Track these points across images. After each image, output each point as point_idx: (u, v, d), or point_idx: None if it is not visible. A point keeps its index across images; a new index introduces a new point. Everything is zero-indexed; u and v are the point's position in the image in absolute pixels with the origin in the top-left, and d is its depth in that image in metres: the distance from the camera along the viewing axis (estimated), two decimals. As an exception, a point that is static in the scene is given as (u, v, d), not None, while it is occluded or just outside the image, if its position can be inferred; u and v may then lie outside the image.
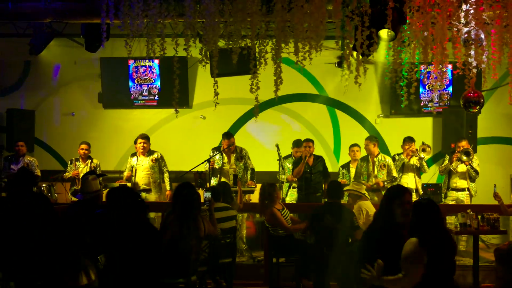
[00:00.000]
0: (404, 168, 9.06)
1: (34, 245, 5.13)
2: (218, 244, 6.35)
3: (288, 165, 9.20)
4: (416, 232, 4.04)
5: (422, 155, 8.91)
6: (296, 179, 8.89)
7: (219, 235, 6.24)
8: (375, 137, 9.19)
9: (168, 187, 9.01)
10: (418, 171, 9.06)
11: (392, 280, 4.04)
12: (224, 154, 8.96)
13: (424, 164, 8.99)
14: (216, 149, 9.03)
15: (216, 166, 8.83)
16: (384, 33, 6.28)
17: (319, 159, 8.93)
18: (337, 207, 6.57)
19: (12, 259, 5.17)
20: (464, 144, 8.97)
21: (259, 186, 7.43)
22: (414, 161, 9.01)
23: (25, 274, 5.15)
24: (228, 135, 9.06)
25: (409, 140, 9.09)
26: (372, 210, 6.96)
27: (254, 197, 8.34)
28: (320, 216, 6.47)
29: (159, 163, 9.03)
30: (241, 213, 8.08)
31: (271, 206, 6.93)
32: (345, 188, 7.44)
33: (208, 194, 6.36)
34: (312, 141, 8.96)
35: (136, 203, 4.64)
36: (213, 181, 8.60)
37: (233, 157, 9.01)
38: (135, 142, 9.09)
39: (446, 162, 9.12)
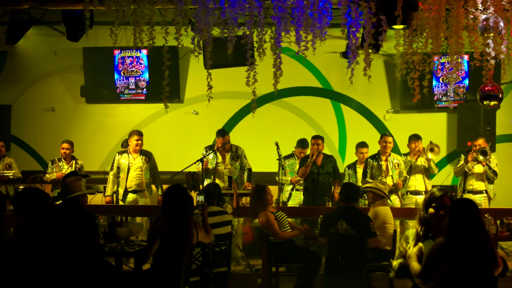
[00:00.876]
0: (411, 169, 9.03)
1: None
2: (212, 252, 6.33)
3: (291, 165, 9.17)
4: (448, 233, 4.03)
5: (429, 155, 8.87)
6: (301, 180, 8.86)
7: (213, 242, 6.22)
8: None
9: (160, 191, 8.99)
10: (427, 172, 9.03)
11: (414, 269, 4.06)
12: (218, 153, 8.95)
13: (433, 165, 8.96)
14: (210, 148, 9.01)
15: (210, 166, 8.83)
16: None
17: (329, 159, 8.90)
18: (352, 212, 6.54)
19: None
20: (480, 142, 8.95)
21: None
22: (421, 161, 8.99)
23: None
24: (222, 132, 9.05)
25: (415, 138, 9.05)
26: (390, 218, 6.92)
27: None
28: (334, 222, 6.44)
29: (151, 163, 9.01)
30: (237, 217, 8.06)
31: (263, 209, 6.92)
32: (366, 185, 7.41)
33: (201, 197, 6.33)
34: (321, 138, 8.91)
35: (46, 207, 4.32)
36: (206, 183, 8.59)
37: (228, 156, 9.01)
38: (127, 141, 9.07)
39: (462, 162, 9.11)
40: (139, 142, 8.94)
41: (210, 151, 8.92)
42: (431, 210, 4.26)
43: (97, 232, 5.73)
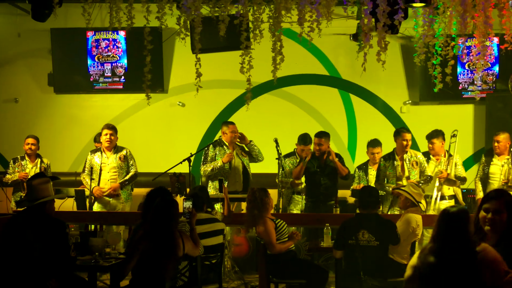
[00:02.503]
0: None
1: None
2: (201, 266, 6.33)
3: (292, 165, 9.17)
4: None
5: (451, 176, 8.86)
6: (302, 182, 8.87)
7: (202, 255, 6.23)
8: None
9: (121, 181, 8.93)
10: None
11: None
12: (227, 149, 8.90)
13: (461, 170, 8.97)
14: (219, 144, 8.92)
15: (226, 166, 8.81)
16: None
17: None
18: (375, 219, 6.53)
19: None
20: (501, 138, 8.93)
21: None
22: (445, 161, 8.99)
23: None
24: (232, 122, 9.03)
25: (435, 135, 9.02)
26: (420, 228, 6.90)
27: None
28: (354, 233, 6.44)
29: (128, 161, 9.00)
30: (230, 225, 8.07)
31: (262, 216, 6.91)
32: (395, 188, 7.38)
33: (188, 203, 6.34)
34: (325, 135, 8.84)
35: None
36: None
37: (235, 151, 8.97)
38: (99, 134, 9.05)
39: (482, 163, 9.12)
40: (111, 137, 8.89)
41: (219, 147, 8.84)
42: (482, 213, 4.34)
43: (68, 243, 5.73)
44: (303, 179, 9.01)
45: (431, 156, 9.07)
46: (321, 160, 8.75)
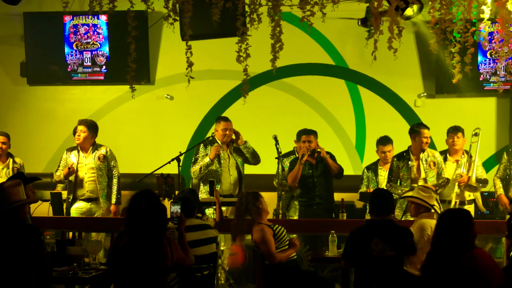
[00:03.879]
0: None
1: None
2: (192, 278, 6.33)
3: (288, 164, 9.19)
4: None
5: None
6: (297, 186, 8.88)
7: (192, 265, 6.23)
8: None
9: (114, 199, 8.95)
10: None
11: None
12: (220, 147, 8.87)
13: (482, 171, 8.97)
14: (211, 143, 8.89)
15: (214, 167, 8.79)
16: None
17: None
18: (388, 226, 6.51)
19: None
20: None
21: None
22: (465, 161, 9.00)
23: None
24: (226, 118, 8.98)
25: (453, 131, 9.02)
26: None
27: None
28: (365, 242, 6.41)
29: (108, 162, 8.99)
30: (223, 233, 8.06)
31: (256, 222, 6.92)
32: (405, 194, 7.39)
33: (176, 207, 6.34)
34: (314, 133, 8.88)
35: None
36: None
37: (228, 150, 8.96)
38: (74, 131, 9.04)
39: (504, 162, 9.13)
40: (85, 134, 8.87)
41: (213, 146, 8.82)
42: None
43: (43, 251, 5.73)
44: None
45: (448, 156, 9.07)
46: (312, 160, 8.78)
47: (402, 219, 8.37)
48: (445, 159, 8.99)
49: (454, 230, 4.36)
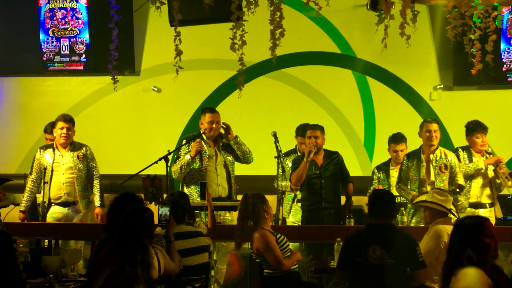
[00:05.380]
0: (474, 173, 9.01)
1: None
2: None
3: (290, 164, 9.19)
4: None
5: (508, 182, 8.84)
6: (298, 187, 8.88)
7: (183, 277, 6.24)
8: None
9: (98, 201, 8.95)
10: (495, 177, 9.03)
11: None
12: (208, 143, 8.82)
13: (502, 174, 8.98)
14: (195, 138, 8.82)
15: (195, 165, 8.74)
16: None
17: (333, 157, 8.90)
18: (390, 232, 6.50)
19: None
20: None
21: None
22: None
23: None
24: (213, 109, 8.87)
25: (480, 129, 9.01)
26: None
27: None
28: (362, 248, 6.41)
29: (87, 162, 8.98)
30: (216, 241, 8.08)
31: (258, 227, 6.92)
32: (417, 200, 7.39)
33: (165, 209, 6.33)
34: (320, 128, 8.87)
35: None
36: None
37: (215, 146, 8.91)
38: (53, 127, 9.02)
39: None
40: (68, 132, 8.84)
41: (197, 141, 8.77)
42: None
43: (16, 261, 5.72)
44: None
45: (473, 152, 9.01)
46: (318, 162, 8.76)
47: (411, 224, 8.40)
48: (470, 156, 8.93)
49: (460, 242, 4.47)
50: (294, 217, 9.13)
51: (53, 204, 8.87)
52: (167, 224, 6.24)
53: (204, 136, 8.69)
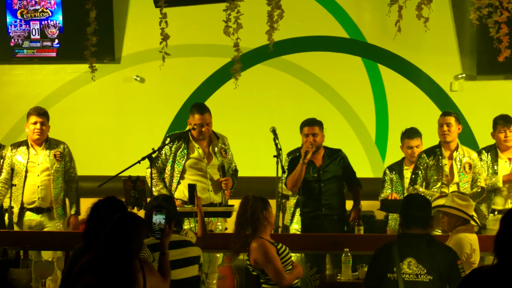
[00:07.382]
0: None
1: None
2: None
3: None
4: None
5: None
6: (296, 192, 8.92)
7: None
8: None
9: (73, 208, 8.96)
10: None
11: None
12: (195, 144, 8.81)
13: None
14: (179, 138, 8.82)
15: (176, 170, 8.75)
16: None
17: (335, 155, 8.91)
18: (427, 244, 6.48)
19: None
20: None
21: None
22: None
23: None
24: (201, 107, 8.81)
25: (503, 121, 9.04)
26: (478, 252, 6.91)
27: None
28: (394, 262, 6.39)
29: (65, 162, 8.99)
30: (207, 251, 8.11)
31: (255, 237, 6.95)
32: (435, 204, 7.41)
33: (160, 217, 6.33)
34: (319, 124, 8.85)
35: None
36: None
37: (208, 149, 8.90)
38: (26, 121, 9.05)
39: None
40: (42, 127, 8.84)
41: (180, 142, 8.77)
42: None
43: None
44: None
45: (499, 153, 9.03)
46: (317, 163, 8.77)
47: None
48: (495, 158, 8.97)
49: None
50: (298, 224, 9.09)
51: (25, 210, 8.88)
52: (162, 234, 6.25)
53: (192, 134, 8.69)
